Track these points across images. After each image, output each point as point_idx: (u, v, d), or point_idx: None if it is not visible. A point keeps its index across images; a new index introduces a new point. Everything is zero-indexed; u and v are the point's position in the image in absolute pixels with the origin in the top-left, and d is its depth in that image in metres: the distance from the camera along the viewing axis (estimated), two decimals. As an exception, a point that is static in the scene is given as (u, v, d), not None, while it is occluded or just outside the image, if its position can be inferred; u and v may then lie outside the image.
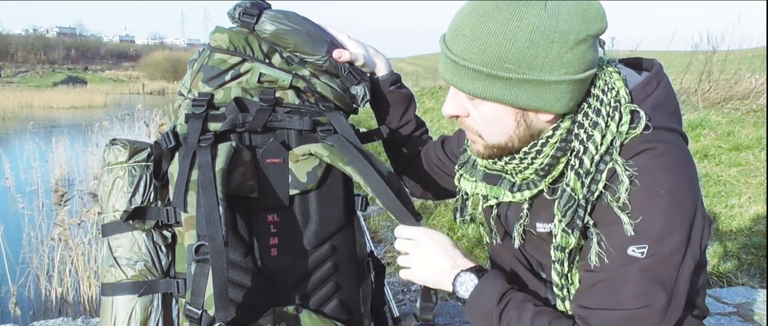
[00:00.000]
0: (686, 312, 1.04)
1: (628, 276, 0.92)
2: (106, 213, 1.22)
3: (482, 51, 0.89)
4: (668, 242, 0.91)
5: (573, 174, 0.95)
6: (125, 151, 1.21)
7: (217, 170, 1.10)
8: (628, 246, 0.92)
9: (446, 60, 0.96)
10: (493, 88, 0.91)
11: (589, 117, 0.95)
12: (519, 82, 0.90)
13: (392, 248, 4.68)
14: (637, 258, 0.91)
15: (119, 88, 47.85)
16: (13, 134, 14.84)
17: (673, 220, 0.91)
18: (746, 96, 7.61)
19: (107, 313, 1.18)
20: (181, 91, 1.27)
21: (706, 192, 4.85)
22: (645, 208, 0.91)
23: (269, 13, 1.23)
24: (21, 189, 6.42)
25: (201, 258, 1.07)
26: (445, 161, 1.36)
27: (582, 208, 0.96)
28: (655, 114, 0.96)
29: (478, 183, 1.13)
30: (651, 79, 1.00)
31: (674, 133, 0.98)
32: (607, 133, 0.94)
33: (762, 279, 3.35)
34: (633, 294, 0.91)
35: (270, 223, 1.20)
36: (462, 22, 0.92)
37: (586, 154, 0.94)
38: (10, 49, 67.69)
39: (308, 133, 1.22)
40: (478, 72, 0.91)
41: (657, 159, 0.92)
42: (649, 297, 0.91)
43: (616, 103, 0.95)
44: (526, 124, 0.97)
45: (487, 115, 0.97)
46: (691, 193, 0.93)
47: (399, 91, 1.39)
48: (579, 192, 0.95)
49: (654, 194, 0.91)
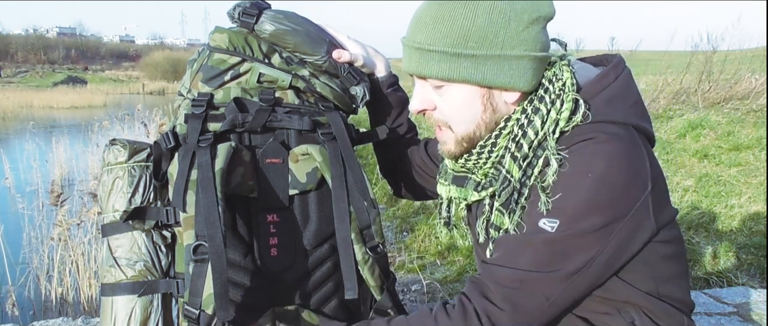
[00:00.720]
0: (663, 303, 1.04)
1: (531, 243, 0.94)
2: (105, 213, 1.22)
3: (446, 34, 0.95)
4: (584, 222, 0.91)
5: (510, 158, 0.99)
6: (125, 152, 1.21)
7: (216, 170, 1.10)
8: (540, 219, 0.93)
9: (411, 51, 1.00)
10: (460, 67, 0.96)
11: (532, 103, 0.99)
12: (484, 59, 0.95)
13: (393, 248, 4.68)
14: (546, 231, 0.92)
15: (119, 88, 47.88)
16: (13, 134, 14.84)
17: (595, 202, 0.91)
18: (746, 96, 7.62)
19: (107, 313, 1.18)
20: (180, 91, 1.27)
21: (706, 192, 4.85)
22: (567, 187, 0.92)
23: (269, 13, 1.23)
24: (21, 189, 6.43)
25: (199, 257, 1.07)
26: (428, 163, 1.37)
27: (517, 192, 0.98)
28: (608, 107, 0.98)
29: (450, 186, 1.15)
30: (608, 72, 1.02)
31: (627, 126, 0.98)
32: (547, 119, 0.97)
33: (762, 279, 3.35)
34: (530, 260, 0.93)
35: (270, 223, 1.20)
36: (422, 15, 0.98)
37: (525, 138, 0.97)
38: (10, 49, 67.67)
39: (308, 133, 1.22)
40: (445, 53, 0.95)
41: (594, 146, 0.93)
42: (547, 265, 0.92)
43: (560, 91, 0.98)
44: (492, 107, 1.00)
45: (456, 100, 1.00)
46: (629, 182, 0.93)
47: (396, 93, 1.40)
48: (515, 175, 0.98)
49: (580, 175, 0.92)
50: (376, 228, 1.18)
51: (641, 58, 12.24)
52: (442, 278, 3.86)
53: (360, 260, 1.16)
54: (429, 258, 4.35)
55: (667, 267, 1.04)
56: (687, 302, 1.09)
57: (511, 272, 0.93)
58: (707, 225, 4.26)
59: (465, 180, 1.12)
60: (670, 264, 1.04)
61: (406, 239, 4.90)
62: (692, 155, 5.81)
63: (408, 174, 1.43)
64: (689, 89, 8.13)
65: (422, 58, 0.98)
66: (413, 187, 1.46)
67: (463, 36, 0.94)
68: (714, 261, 3.65)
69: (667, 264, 1.04)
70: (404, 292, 3.65)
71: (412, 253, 4.47)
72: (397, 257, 4.43)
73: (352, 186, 1.17)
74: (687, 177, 5.26)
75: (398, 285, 3.72)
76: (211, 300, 1.05)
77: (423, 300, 3.44)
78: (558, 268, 0.92)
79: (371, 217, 1.18)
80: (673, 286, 1.06)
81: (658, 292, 1.04)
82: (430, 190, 1.43)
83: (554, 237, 0.92)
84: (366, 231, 1.18)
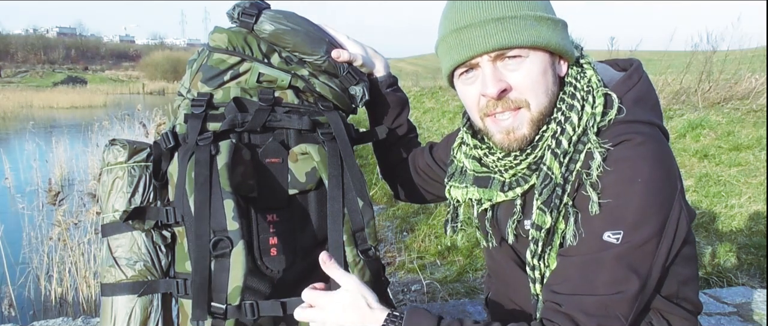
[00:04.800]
0: (678, 307, 1.05)
1: (603, 262, 0.93)
2: (105, 213, 1.22)
3: (526, 1, 0.98)
4: (643, 230, 0.92)
5: (550, 154, 0.99)
6: (124, 152, 1.21)
7: (221, 166, 1.10)
8: (603, 232, 0.93)
9: (487, 27, 0.97)
10: (545, 31, 0.99)
11: (565, 101, 1.00)
12: (555, 23, 1.00)
13: (393, 248, 4.68)
14: (613, 244, 0.92)
15: (119, 88, 47.89)
16: (13, 134, 14.84)
17: (649, 208, 0.92)
18: (746, 96, 7.61)
19: (107, 313, 1.18)
20: (180, 92, 1.27)
21: (706, 192, 4.85)
22: (621, 195, 0.93)
23: (268, 13, 1.23)
24: (21, 189, 6.43)
25: (219, 253, 1.07)
26: (434, 167, 1.36)
27: (560, 188, 0.97)
28: (636, 107, 1.00)
29: (469, 188, 1.13)
30: (632, 74, 1.05)
31: (653, 126, 1.00)
32: (583, 115, 0.98)
33: (762, 279, 3.35)
34: (607, 281, 0.92)
35: (269, 223, 1.20)
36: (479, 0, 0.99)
37: (563, 134, 0.98)
38: (10, 49, 67.65)
39: (307, 132, 1.22)
40: (530, 18, 0.97)
41: (634, 149, 0.94)
42: (623, 283, 0.92)
43: (588, 87, 1.01)
44: (556, 77, 1.03)
45: (535, 70, 0.99)
46: (667, 184, 0.95)
47: (395, 93, 1.40)
48: (556, 172, 0.98)
49: (631, 181, 0.92)
50: (369, 231, 1.18)
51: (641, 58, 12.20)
52: (442, 278, 3.86)
53: (350, 262, 1.15)
54: (429, 258, 4.34)
55: (685, 269, 1.05)
56: (698, 304, 1.11)
57: (595, 299, 0.93)
58: (707, 225, 4.26)
59: (489, 181, 1.10)
60: (688, 265, 1.06)
61: (406, 239, 4.90)
62: (692, 155, 5.81)
63: (408, 177, 1.43)
64: (689, 89, 8.13)
65: (506, 29, 0.96)
66: (413, 191, 1.45)
67: (536, 2, 0.99)
68: (714, 261, 3.65)
69: (685, 266, 1.05)
70: (404, 292, 3.64)
71: (412, 253, 4.46)
72: (397, 257, 4.43)
73: (349, 186, 1.17)
74: (687, 177, 5.26)
75: (398, 285, 3.73)
76: (238, 293, 1.06)
77: (423, 300, 3.44)
78: (632, 285, 0.92)
79: (365, 220, 1.17)
80: (688, 288, 1.07)
81: (677, 295, 1.05)
82: (430, 194, 1.42)
83: (622, 251, 0.92)
84: (359, 233, 1.17)
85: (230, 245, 1.06)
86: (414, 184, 1.43)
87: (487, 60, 0.99)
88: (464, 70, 1.03)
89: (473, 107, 1.05)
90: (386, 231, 5.28)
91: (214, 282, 1.07)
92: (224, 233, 1.06)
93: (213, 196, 1.08)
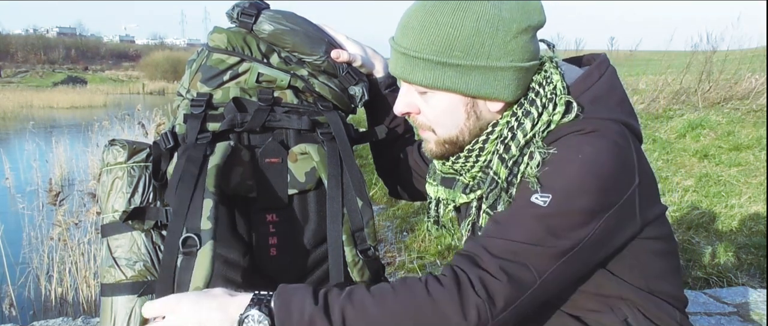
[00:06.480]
0: (657, 299, 1.04)
1: (523, 216, 0.91)
2: (105, 213, 1.22)
3: (431, 41, 0.93)
4: (575, 201, 0.90)
5: (497, 159, 0.99)
6: (124, 152, 1.21)
7: (211, 166, 1.10)
8: (532, 194, 0.92)
9: (397, 55, 1.00)
10: (444, 76, 0.95)
11: (523, 106, 0.98)
12: (468, 69, 0.94)
13: (393, 248, 4.68)
14: (538, 206, 0.90)
15: (119, 88, 47.88)
16: (13, 134, 14.85)
17: (585, 185, 0.90)
18: (746, 96, 7.62)
19: (107, 313, 1.18)
20: (179, 92, 1.27)
21: (706, 192, 4.85)
22: (558, 166, 0.92)
23: (267, 13, 1.23)
24: (21, 189, 6.44)
25: (187, 250, 1.06)
26: (420, 163, 1.38)
27: (504, 191, 0.98)
28: (594, 106, 0.98)
29: (439, 187, 1.15)
30: (591, 71, 1.02)
31: (615, 122, 0.97)
32: (538, 122, 0.97)
33: (762, 279, 3.35)
34: (523, 232, 0.90)
35: (269, 223, 1.20)
36: (410, 18, 0.97)
37: (513, 140, 0.97)
38: (10, 49, 67.61)
39: (307, 132, 1.22)
40: (429, 61, 0.94)
41: (581, 136, 0.93)
42: (541, 240, 0.89)
43: (552, 94, 0.97)
44: (476, 115, 1.00)
45: (439, 107, 1.00)
46: (617, 173, 0.92)
47: (393, 94, 1.40)
48: (502, 175, 0.98)
49: (569, 157, 0.92)
50: (368, 231, 1.17)
51: (641, 58, 12.24)
52: (441, 278, 3.85)
53: (350, 262, 1.15)
54: (429, 258, 4.35)
55: (657, 264, 1.04)
56: (680, 297, 1.09)
57: (504, 243, 0.90)
58: (707, 225, 4.26)
59: (453, 182, 1.12)
60: (660, 260, 1.04)
61: (406, 239, 4.90)
62: (692, 155, 5.81)
63: (404, 174, 1.43)
64: (689, 89, 8.14)
65: (408, 64, 0.98)
66: (408, 188, 1.46)
67: (448, 44, 0.92)
68: (714, 261, 3.65)
69: (657, 261, 1.04)
70: (404, 292, 3.64)
71: (412, 253, 4.46)
72: (397, 257, 4.43)
73: (349, 186, 1.17)
74: (687, 177, 5.26)
75: (398, 285, 3.73)
76: None
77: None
78: (550, 245, 0.89)
79: (365, 220, 1.17)
80: (664, 283, 1.05)
81: (649, 288, 1.03)
82: (424, 191, 1.43)
83: (546, 212, 0.90)
84: (358, 233, 1.17)
85: (198, 244, 1.04)
86: (409, 182, 1.44)
87: (402, 80, 1.02)
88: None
89: None
90: (386, 231, 5.27)
91: (178, 280, 1.06)
92: (196, 231, 1.05)
93: (194, 195, 1.07)
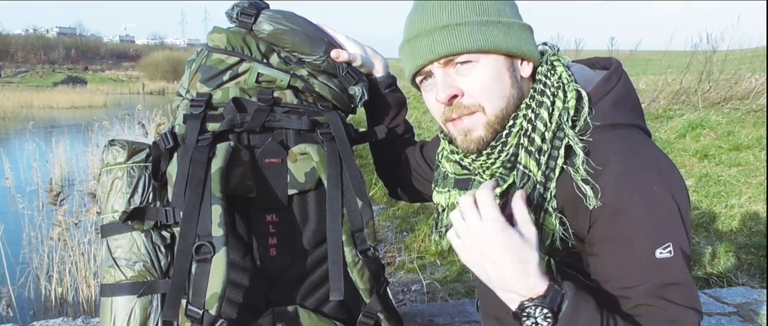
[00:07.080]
0: None
1: (674, 280, 0.90)
2: (105, 213, 1.22)
3: (470, 7, 0.99)
4: (683, 238, 0.92)
5: (524, 153, 0.98)
6: (124, 152, 1.21)
7: (214, 170, 1.10)
8: (654, 250, 0.90)
9: (434, 35, 1.00)
10: (492, 35, 0.98)
11: (535, 98, 1.00)
12: (509, 26, 1.00)
13: (393, 248, 4.68)
14: (669, 259, 0.90)
15: (119, 88, 47.82)
16: (13, 134, 14.84)
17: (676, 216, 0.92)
18: (746, 96, 7.62)
19: (107, 314, 1.18)
20: (179, 92, 1.27)
21: (706, 192, 4.85)
22: (646, 204, 0.90)
23: (267, 13, 1.23)
24: (21, 189, 6.44)
25: (202, 257, 1.07)
26: (423, 165, 1.37)
27: (542, 185, 0.96)
28: (615, 110, 0.99)
29: (451, 191, 1.13)
30: (611, 75, 1.03)
31: (635, 127, 1.00)
32: (554, 110, 0.98)
33: (762, 279, 3.35)
34: (683, 298, 0.91)
35: (269, 223, 1.20)
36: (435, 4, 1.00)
37: (535, 131, 0.97)
38: (10, 49, 67.52)
39: (307, 132, 1.22)
40: (474, 23, 0.98)
41: (631, 158, 0.93)
42: (695, 298, 0.92)
43: (559, 83, 1.00)
44: (517, 82, 1.02)
45: (484, 74, 1.00)
46: (673, 176, 0.95)
47: (394, 93, 1.40)
48: (534, 169, 0.97)
49: (646, 189, 0.91)
50: (368, 232, 1.17)
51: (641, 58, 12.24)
52: (442, 278, 3.86)
53: (349, 262, 1.15)
54: (429, 258, 4.35)
55: None
56: None
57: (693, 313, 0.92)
58: (707, 225, 4.26)
59: (469, 183, 1.10)
60: None
61: (406, 239, 4.90)
62: (692, 155, 5.81)
63: (404, 175, 1.43)
64: (689, 89, 8.13)
65: (450, 36, 0.98)
66: (408, 188, 1.45)
67: (485, 7, 0.99)
68: (714, 261, 3.65)
69: None
70: (404, 292, 3.64)
71: (412, 253, 4.46)
72: (397, 257, 4.43)
73: (348, 186, 1.17)
74: (687, 177, 5.26)
75: (398, 285, 3.73)
76: (215, 300, 1.05)
77: (423, 300, 3.44)
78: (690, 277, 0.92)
79: (364, 220, 1.17)
80: None
81: None
82: (425, 193, 1.42)
83: (673, 261, 0.90)
84: (358, 233, 1.17)
85: (212, 251, 1.06)
86: (409, 183, 1.43)
87: (438, 67, 1.01)
88: (422, 78, 1.07)
89: (436, 114, 1.07)
90: (386, 231, 5.28)
91: (194, 286, 1.07)
92: (208, 238, 1.06)
93: (203, 200, 1.07)
